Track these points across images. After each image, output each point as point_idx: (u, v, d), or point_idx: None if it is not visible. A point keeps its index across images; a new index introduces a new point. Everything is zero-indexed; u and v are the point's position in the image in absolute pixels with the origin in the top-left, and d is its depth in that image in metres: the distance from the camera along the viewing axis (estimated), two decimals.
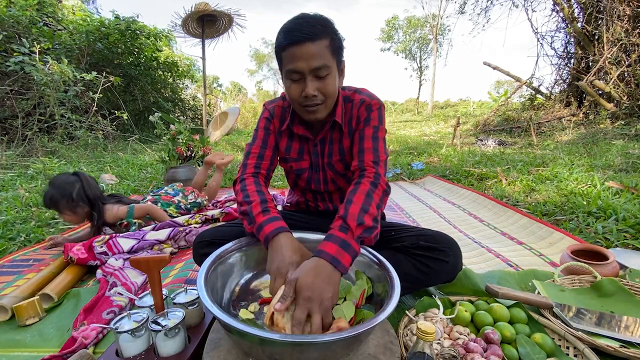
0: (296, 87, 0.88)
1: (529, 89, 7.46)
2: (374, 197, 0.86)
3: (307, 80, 0.86)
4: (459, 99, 19.94)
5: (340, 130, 1.03)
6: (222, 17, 4.26)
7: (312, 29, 0.82)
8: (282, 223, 0.87)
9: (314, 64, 0.83)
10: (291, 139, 1.09)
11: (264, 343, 0.63)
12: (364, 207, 0.82)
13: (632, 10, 5.05)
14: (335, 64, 0.89)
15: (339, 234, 0.79)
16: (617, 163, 2.93)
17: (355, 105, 1.02)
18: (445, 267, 0.95)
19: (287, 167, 1.14)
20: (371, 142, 0.96)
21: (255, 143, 1.07)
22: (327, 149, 1.06)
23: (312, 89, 0.86)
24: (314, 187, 1.12)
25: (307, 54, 0.82)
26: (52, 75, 4.20)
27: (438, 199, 2.71)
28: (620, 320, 0.93)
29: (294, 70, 0.85)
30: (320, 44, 0.83)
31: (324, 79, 0.87)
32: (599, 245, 1.49)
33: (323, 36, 0.84)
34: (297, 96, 0.89)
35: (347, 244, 0.77)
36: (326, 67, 0.85)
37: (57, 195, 1.60)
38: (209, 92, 8.62)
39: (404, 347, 0.81)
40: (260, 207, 0.89)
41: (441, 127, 9.17)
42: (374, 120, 0.99)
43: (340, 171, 1.07)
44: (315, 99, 0.88)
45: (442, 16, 16.58)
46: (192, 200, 2.14)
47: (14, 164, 3.50)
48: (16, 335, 0.99)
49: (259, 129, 1.09)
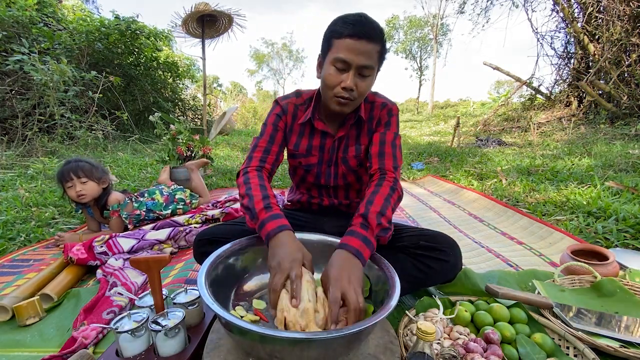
0: (338, 75, 0.91)
1: (529, 89, 7.47)
2: (390, 201, 0.90)
3: (350, 73, 0.90)
4: (459, 99, 19.96)
5: (359, 127, 1.07)
6: (222, 17, 4.25)
7: (372, 31, 0.87)
8: (285, 221, 0.88)
9: (363, 62, 0.88)
10: (302, 135, 1.10)
11: (264, 341, 0.63)
12: (382, 209, 0.87)
13: (632, 10, 5.05)
14: (376, 70, 0.95)
15: (360, 230, 0.84)
16: (617, 163, 2.93)
17: (377, 106, 1.07)
18: (446, 267, 0.95)
19: (296, 163, 1.14)
20: (391, 148, 1.01)
21: (263, 137, 1.07)
22: (344, 144, 1.09)
23: (352, 82, 0.90)
24: (323, 182, 1.13)
25: (361, 50, 0.87)
26: (52, 75, 4.20)
27: (438, 199, 2.71)
28: (620, 320, 0.93)
29: (344, 60, 0.88)
30: (374, 47, 0.88)
31: (365, 79, 0.92)
32: (599, 245, 1.49)
33: (378, 41, 0.89)
34: (335, 84, 0.92)
35: (368, 240, 0.83)
36: (371, 69, 0.90)
37: (87, 164, 1.73)
38: (209, 92, 8.62)
39: (404, 347, 0.81)
40: (263, 203, 0.90)
41: (441, 127, 9.18)
42: (394, 126, 1.06)
43: (353, 167, 1.10)
44: (352, 93, 0.92)
45: (442, 16, 16.57)
46: (174, 187, 2.21)
47: (14, 164, 3.50)
48: (16, 335, 0.99)
49: (267, 124, 1.09)
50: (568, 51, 6.59)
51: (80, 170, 1.69)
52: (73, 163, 1.72)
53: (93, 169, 1.74)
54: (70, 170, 1.68)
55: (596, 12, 5.59)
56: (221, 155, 4.98)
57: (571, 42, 6.46)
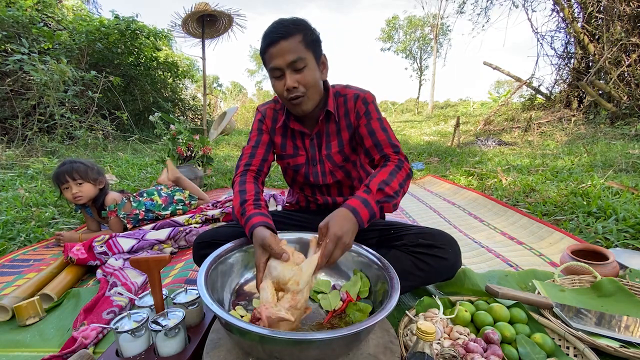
0: (279, 83, 0.96)
1: (529, 89, 7.47)
2: (397, 175, 0.92)
3: (286, 74, 0.93)
4: (459, 99, 19.93)
5: (335, 122, 1.08)
6: (222, 17, 4.26)
7: (285, 29, 0.91)
8: (259, 218, 0.90)
9: (289, 59, 0.91)
10: (286, 136, 1.13)
11: (264, 341, 0.63)
12: (386, 180, 0.89)
13: (632, 10, 5.05)
14: (312, 56, 0.95)
15: (361, 194, 0.87)
16: (617, 163, 2.93)
17: (350, 99, 1.07)
18: (445, 264, 0.96)
19: (285, 164, 1.17)
20: (383, 134, 1.02)
21: (249, 144, 1.13)
22: (324, 141, 1.10)
23: (291, 81, 0.93)
24: (312, 181, 1.14)
25: (282, 51, 0.91)
26: (52, 75, 4.20)
27: (438, 199, 2.71)
28: (620, 320, 0.93)
29: (274, 68, 0.93)
30: (293, 40, 0.91)
31: (302, 71, 0.93)
32: (599, 245, 1.49)
33: (295, 33, 0.91)
34: (282, 91, 0.96)
35: (367, 202, 0.85)
36: (301, 60, 0.92)
37: (82, 165, 1.72)
38: (209, 92, 8.62)
39: (404, 347, 0.81)
40: (240, 210, 0.95)
41: (441, 127, 9.17)
42: (374, 113, 1.05)
43: (339, 163, 1.11)
44: (297, 90, 0.94)
45: (442, 16, 16.56)
46: (173, 188, 2.20)
47: (14, 164, 3.50)
48: (16, 335, 0.99)
49: (253, 130, 1.16)
50: (568, 51, 6.59)
51: (76, 172, 1.68)
52: (68, 165, 1.70)
53: (88, 170, 1.73)
54: (66, 172, 1.67)
55: (596, 12, 5.59)
56: (221, 155, 4.98)
57: (571, 42, 6.46)
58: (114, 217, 1.78)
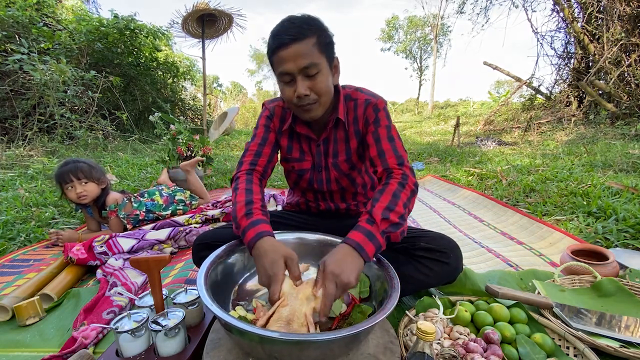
0: (289, 89, 0.88)
1: (529, 89, 7.47)
2: (401, 196, 0.84)
3: (297, 80, 0.86)
4: (459, 99, 19.92)
5: (344, 128, 1.03)
6: (222, 16, 4.26)
7: (297, 30, 0.83)
8: (265, 226, 0.84)
9: (302, 64, 0.83)
10: (292, 139, 1.08)
11: (263, 341, 0.63)
12: (390, 205, 0.82)
13: (632, 10, 5.05)
14: (326, 61, 0.88)
15: (365, 225, 0.80)
16: (617, 163, 2.93)
17: (360, 104, 1.01)
18: (446, 269, 0.95)
19: (289, 167, 1.13)
20: (389, 144, 0.95)
21: (254, 141, 1.06)
22: (331, 148, 1.05)
23: (303, 88, 0.86)
24: (316, 187, 1.11)
25: (294, 55, 0.83)
26: (52, 75, 4.20)
27: (438, 199, 2.71)
28: (620, 320, 0.93)
29: (284, 72, 0.86)
30: (307, 43, 0.83)
31: (315, 77, 0.87)
32: (599, 245, 1.49)
33: (309, 35, 0.83)
34: (291, 97, 0.89)
35: (372, 235, 0.79)
36: (315, 65, 0.85)
37: (85, 165, 1.72)
38: (208, 92, 8.62)
39: (404, 347, 0.81)
40: (245, 210, 0.88)
41: (441, 127, 9.17)
42: (384, 120, 0.99)
43: (345, 171, 1.06)
44: (308, 98, 0.88)
45: (442, 16, 16.56)
46: (174, 188, 2.20)
47: (14, 164, 3.49)
48: (16, 335, 0.99)
49: (258, 126, 1.08)
50: (568, 51, 6.59)
51: (80, 172, 1.68)
52: (72, 164, 1.70)
53: (92, 170, 1.73)
54: (70, 171, 1.67)
55: (596, 12, 5.59)
56: (221, 155, 4.98)
57: (571, 42, 6.46)
58: (114, 217, 1.78)
